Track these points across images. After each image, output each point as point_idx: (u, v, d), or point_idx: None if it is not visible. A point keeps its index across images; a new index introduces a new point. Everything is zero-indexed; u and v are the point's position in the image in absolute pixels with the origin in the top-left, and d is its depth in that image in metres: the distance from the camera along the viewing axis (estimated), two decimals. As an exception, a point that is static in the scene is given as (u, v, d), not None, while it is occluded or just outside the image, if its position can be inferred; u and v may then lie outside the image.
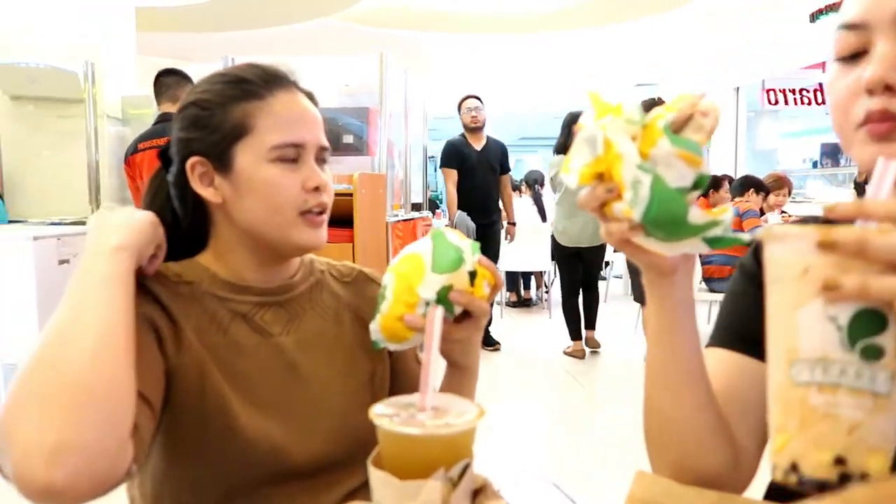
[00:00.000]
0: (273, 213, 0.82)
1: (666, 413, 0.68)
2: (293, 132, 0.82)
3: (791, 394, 0.45)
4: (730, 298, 0.79)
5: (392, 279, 0.74)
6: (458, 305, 0.73)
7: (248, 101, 0.83)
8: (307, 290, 0.91)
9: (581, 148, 0.58)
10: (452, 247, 0.73)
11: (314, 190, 0.83)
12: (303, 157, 0.83)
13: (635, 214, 0.55)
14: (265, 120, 0.82)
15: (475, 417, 0.56)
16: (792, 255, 0.45)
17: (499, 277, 0.78)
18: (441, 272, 0.71)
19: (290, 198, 0.82)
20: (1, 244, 3.07)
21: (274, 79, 0.85)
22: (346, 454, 0.84)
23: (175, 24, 6.52)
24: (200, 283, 0.84)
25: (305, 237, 0.84)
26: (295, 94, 0.86)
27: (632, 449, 2.89)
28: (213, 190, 0.84)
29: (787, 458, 0.45)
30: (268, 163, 0.81)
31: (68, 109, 4.24)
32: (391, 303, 0.73)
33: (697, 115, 0.55)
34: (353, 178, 3.13)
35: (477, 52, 8.40)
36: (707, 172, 0.55)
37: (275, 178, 0.81)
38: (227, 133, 0.82)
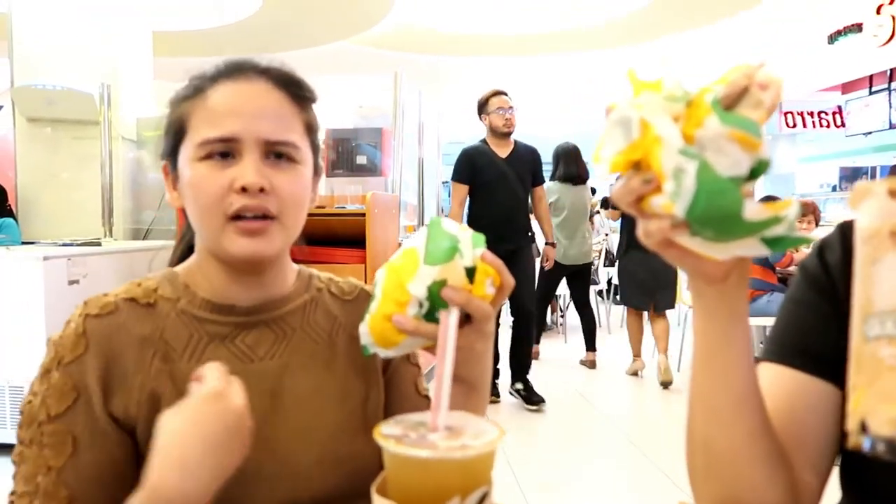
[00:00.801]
0: (203, 218, 0.73)
1: (714, 444, 0.59)
2: (221, 125, 0.72)
3: (863, 349, 0.42)
4: (789, 306, 0.69)
5: (383, 274, 0.65)
6: (453, 304, 0.61)
7: (191, 98, 0.76)
8: (299, 307, 0.83)
9: (613, 132, 0.49)
10: (447, 235, 0.63)
11: (241, 191, 0.71)
12: (239, 152, 0.72)
13: (678, 209, 0.47)
14: (199, 115, 0.74)
15: (495, 439, 0.49)
16: (872, 211, 0.42)
17: (507, 276, 0.67)
18: (433, 263, 0.61)
19: (214, 199, 0.71)
20: (11, 264, 3.04)
21: (226, 70, 0.77)
22: (335, 489, 0.76)
23: (192, 49, 6.59)
24: (178, 300, 0.77)
25: (236, 246, 0.72)
26: (247, 83, 0.75)
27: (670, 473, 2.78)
28: (176, 194, 0.79)
29: (858, 419, 0.42)
30: (196, 161, 0.73)
31: (84, 131, 4.25)
32: (380, 301, 0.64)
33: (754, 88, 0.47)
34: (367, 198, 3.09)
35: (490, 75, 8.41)
36: (767, 157, 0.47)
37: (198, 177, 0.73)
38: (171, 133, 0.77)
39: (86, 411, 0.69)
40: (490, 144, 3.89)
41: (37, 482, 0.67)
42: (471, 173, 3.82)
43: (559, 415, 3.66)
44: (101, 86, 4.10)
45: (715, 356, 0.57)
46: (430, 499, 0.46)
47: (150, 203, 4.44)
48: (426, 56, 7.44)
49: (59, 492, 0.67)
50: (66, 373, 0.70)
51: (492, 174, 3.81)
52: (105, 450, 0.69)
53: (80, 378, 0.70)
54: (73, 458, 0.68)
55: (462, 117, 10.92)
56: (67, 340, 0.71)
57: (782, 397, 0.63)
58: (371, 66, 7.26)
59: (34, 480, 0.67)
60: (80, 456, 0.68)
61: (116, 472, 0.70)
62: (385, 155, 4.09)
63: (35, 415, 0.69)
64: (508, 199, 3.81)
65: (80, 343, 0.71)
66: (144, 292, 0.76)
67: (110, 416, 0.71)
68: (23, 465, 0.68)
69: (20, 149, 4.32)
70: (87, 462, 0.68)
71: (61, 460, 0.67)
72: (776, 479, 0.59)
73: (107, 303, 0.74)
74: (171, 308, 0.76)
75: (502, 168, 3.82)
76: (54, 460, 0.67)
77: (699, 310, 0.57)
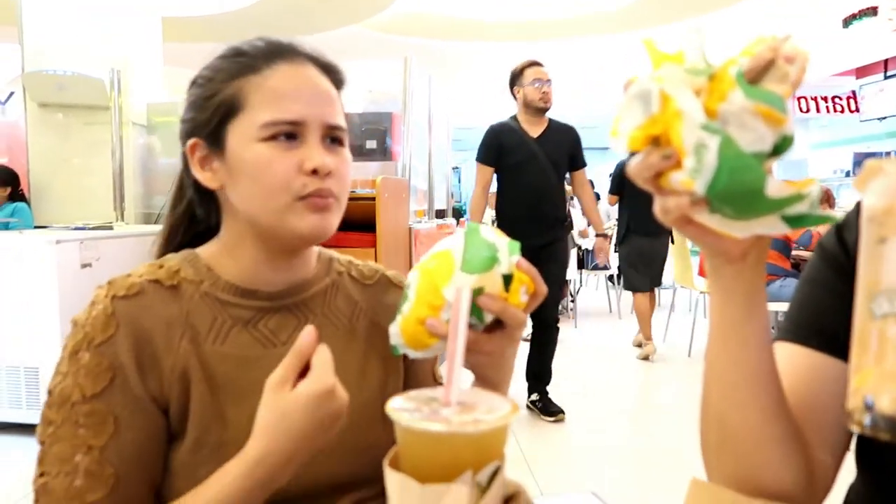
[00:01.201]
0: (266, 198, 0.73)
1: (729, 422, 0.59)
2: (288, 108, 0.73)
3: (870, 328, 0.41)
4: (806, 286, 0.68)
5: (417, 277, 0.65)
6: (488, 312, 0.63)
7: (242, 76, 0.75)
8: (320, 292, 0.83)
9: (632, 106, 0.48)
10: (486, 244, 0.63)
11: (313, 173, 0.72)
12: (303, 135, 0.73)
13: (698, 186, 0.46)
14: (258, 95, 0.74)
15: (508, 414, 0.48)
16: (881, 189, 0.42)
17: (540, 284, 0.67)
18: (471, 272, 0.62)
19: (284, 180, 0.72)
20: (25, 248, 3.07)
21: (276, 50, 0.77)
22: (355, 473, 0.76)
23: (202, 35, 6.58)
24: (201, 283, 0.77)
25: (307, 223, 0.73)
26: (301, 66, 0.76)
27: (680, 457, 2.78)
28: (210, 174, 0.77)
29: (862, 397, 0.41)
30: (259, 142, 0.73)
31: (95, 117, 4.27)
32: (413, 304, 0.64)
33: (780, 61, 0.46)
34: (376, 182, 3.08)
35: (501, 61, 8.35)
36: (791, 133, 0.46)
37: (265, 158, 0.72)
38: (218, 111, 0.75)
39: (123, 390, 0.69)
40: (521, 122, 3.39)
41: (75, 461, 0.66)
42: (497, 154, 3.36)
43: (567, 397, 3.66)
44: (112, 71, 4.11)
45: (732, 335, 0.57)
46: (443, 473, 0.46)
47: (161, 188, 4.46)
48: (436, 41, 7.40)
49: (104, 470, 0.66)
50: (98, 353, 0.69)
51: (521, 155, 3.32)
52: (145, 429, 0.69)
53: (115, 358, 0.69)
54: (115, 437, 0.67)
55: (472, 103, 10.88)
56: (97, 321, 0.70)
57: (798, 377, 0.62)
58: (381, 51, 7.22)
59: (72, 460, 0.66)
60: (122, 435, 0.68)
61: (155, 451, 0.70)
62: (395, 140, 4.08)
63: (67, 395, 0.68)
64: (539, 183, 3.33)
65: (111, 324, 0.70)
66: (167, 274, 0.76)
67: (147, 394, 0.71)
68: (55, 445, 0.67)
69: (32, 134, 4.35)
70: (129, 441, 0.68)
71: (103, 439, 0.67)
72: (790, 457, 0.58)
73: (132, 283, 0.74)
74: (194, 290, 0.76)
75: (533, 149, 3.32)
76: (95, 439, 0.67)
77: (717, 288, 0.57)
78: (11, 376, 3.07)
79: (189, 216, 0.85)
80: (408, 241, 3.51)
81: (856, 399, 0.42)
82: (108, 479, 0.66)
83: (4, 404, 3.09)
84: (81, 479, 0.65)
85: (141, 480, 0.69)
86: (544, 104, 3.33)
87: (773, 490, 0.57)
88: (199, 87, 0.78)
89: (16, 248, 3.08)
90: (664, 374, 4.40)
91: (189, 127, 0.78)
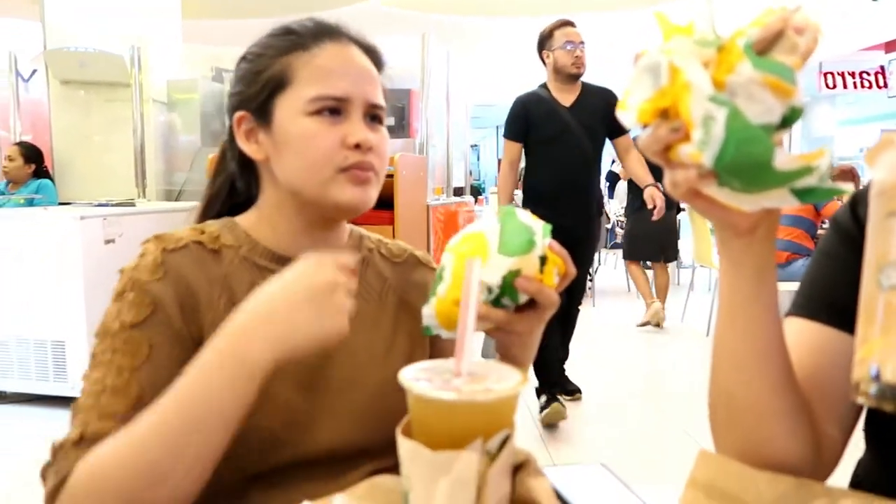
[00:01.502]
0: (310, 170, 0.76)
1: (737, 395, 0.59)
2: (334, 84, 0.76)
3: (877, 299, 0.42)
4: (818, 260, 0.68)
5: (452, 259, 0.65)
6: (524, 293, 0.64)
7: (291, 53, 0.78)
8: None
9: (641, 79, 0.48)
10: (524, 227, 0.64)
11: (355, 147, 0.76)
12: (347, 111, 0.77)
13: (706, 158, 0.45)
14: (306, 71, 0.77)
15: (517, 384, 0.50)
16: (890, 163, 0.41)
17: (571, 266, 0.68)
18: (509, 254, 0.62)
19: (327, 153, 0.75)
20: (50, 224, 3.13)
21: (324, 30, 0.80)
22: (375, 441, 0.78)
23: (220, 12, 6.58)
24: (239, 248, 0.80)
25: (349, 194, 0.77)
26: (346, 46, 0.80)
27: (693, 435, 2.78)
28: (255, 146, 0.80)
29: (867, 367, 0.41)
30: (305, 116, 0.76)
31: (116, 93, 4.31)
32: (450, 285, 0.64)
33: (790, 32, 0.45)
34: (394, 159, 3.09)
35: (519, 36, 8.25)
36: (801, 105, 0.45)
37: (311, 131, 0.76)
38: (267, 85, 0.78)
39: (163, 323, 0.71)
40: (552, 90, 3.02)
41: (105, 382, 0.68)
42: (525, 127, 2.99)
43: (583, 375, 3.67)
44: (132, 48, 4.13)
45: (741, 308, 0.57)
46: (454, 440, 0.47)
47: (182, 165, 4.50)
48: (454, 17, 7.33)
49: (130, 389, 0.68)
50: (142, 290, 0.72)
51: (552, 128, 2.95)
52: (179, 362, 0.69)
53: (158, 296, 0.72)
54: (148, 362, 0.69)
55: (491, 79, 10.78)
56: (146, 267, 0.73)
57: (808, 351, 0.63)
58: (399, 27, 7.17)
59: (102, 382, 0.68)
60: (155, 362, 0.70)
61: None
62: (413, 117, 4.07)
63: (109, 327, 0.71)
64: (573, 157, 2.96)
65: (159, 270, 0.73)
66: (209, 238, 0.79)
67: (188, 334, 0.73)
68: (93, 373, 0.69)
69: (55, 111, 4.40)
70: (163, 370, 0.69)
71: (136, 362, 0.69)
72: (798, 432, 0.59)
73: (180, 238, 0.77)
74: (233, 255, 0.79)
75: (565, 119, 2.95)
76: (128, 363, 0.69)
77: (726, 262, 0.57)
78: (39, 350, 3.14)
79: (228, 187, 0.88)
80: (426, 218, 3.52)
81: (861, 369, 0.42)
82: (132, 397, 0.67)
83: (32, 377, 3.17)
84: (106, 397, 0.68)
85: None
86: (577, 69, 2.95)
87: (780, 463, 0.57)
88: (249, 63, 0.81)
89: (41, 224, 3.14)
90: (682, 352, 4.39)
91: (237, 100, 0.81)
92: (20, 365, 3.17)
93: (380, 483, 0.57)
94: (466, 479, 0.46)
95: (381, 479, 0.58)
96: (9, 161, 4.26)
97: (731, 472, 0.55)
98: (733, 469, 0.55)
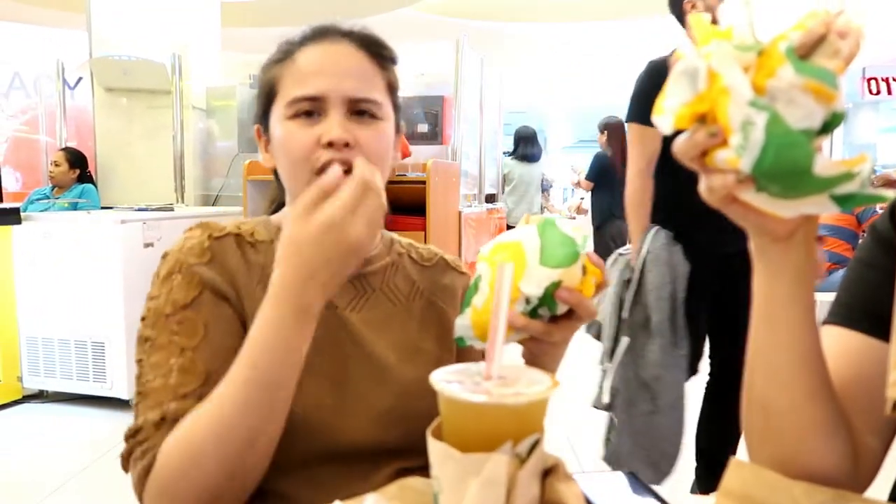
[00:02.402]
0: (292, 172, 0.78)
1: (773, 404, 0.58)
2: (309, 84, 0.77)
3: None
4: (856, 268, 0.67)
5: (488, 269, 0.64)
6: (564, 304, 0.63)
7: (280, 63, 0.81)
8: (381, 269, 0.87)
9: (679, 83, 0.48)
10: (566, 238, 0.62)
11: (328, 145, 0.75)
12: (324, 110, 0.77)
13: (744, 164, 0.45)
14: (289, 78, 0.79)
15: (548, 388, 0.50)
16: None
17: (606, 276, 0.68)
18: (553, 266, 0.61)
19: (303, 154, 0.76)
20: (92, 228, 3.21)
21: (315, 33, 0.81)
22: (399, 440, 0.79)
23: (259, 20, 6.70)
24: (272, 242, 0.81)
25: None
26: (332, 44, 0.80)
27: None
28: (268, 156, 0.84)
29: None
30: (286, 120, 0.78)
31: (157, 101, 4.41)
32: (488, 297, 0.62)
33: (832, 36, 0.45)
34: (427, 165, 3.10)
35: (554, 43, 8.24)
36: (842, 110, 0.45)
37: (287, 134, 0.77)
38: (263, 98, 0.82)
39: (212, 301, 0.74)
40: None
41: (170, 364, 0.71)
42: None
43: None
44: (173, 56, 4.23)
45: (778, 316, 0.56)
46: (484, 443, 0.47)
47: (219, 171, 4.58)
48: (488, 23, 7.34)
49: (197, 367, 0.70)
50: (190, 272, 0.74)
51: None
52: (232, 333, 0.73)
53: (206, 277, 0.74)
54: (206, 339, 0.72)
55: (525, 86, 10.77)
56: (192, 250, 0.76)
57: (847, 360, 0.61)
58: (433, 34, 7.21)
59: (167, 363, 0.71)
60: (211, 337, 0.72)
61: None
62: (446, 123, 4.09)
63: (161, 310, 0.73)
64: None
65: (206, 254, 0.76)
66: (247, 232, 0.82)
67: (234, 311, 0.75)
68: (153, 356, 0.72)
69: (98, 118, 4.52)
70: (219, 345, 0.72)
71: (195, 341, 0.71)
72: (835, 441, 0.58)
73: (223, 227, 0.80)
74: (268, 248, 0.81)
75: None
76: (188, 342, 0.71)
77: (762, 269, 0.56)
78: (79, 350, 3.23)
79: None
80: (458, 225, 3.52)
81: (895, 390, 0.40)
82: (200, 374, 0.70)
83: (73, 377, 3.25)
84: (175, 377, 0.70)
85: None
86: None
87: (817, 474, 0.56)
88: (258, 78, 0.85)
89: (84, 227, 3.23)
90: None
91: (255, 115, 0.86)
92: (61, 365, 3.26)
93: (410, 484, 0.58)
94: (496, 481, 0.46)
95: (411, 480, 0.58)
96: (55, 166, 4.39)
97: (765, 481, 0.54)
98: (768, 478, 0.54)
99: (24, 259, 3.29)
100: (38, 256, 3.26)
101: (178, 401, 0.69)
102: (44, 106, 5.64)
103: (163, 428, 0.68)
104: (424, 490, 0.56)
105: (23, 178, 6.55)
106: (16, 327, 3.32)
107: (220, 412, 0.64)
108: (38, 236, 3.25)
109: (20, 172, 6.60)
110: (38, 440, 2.95)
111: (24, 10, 6.77)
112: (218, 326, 0.73)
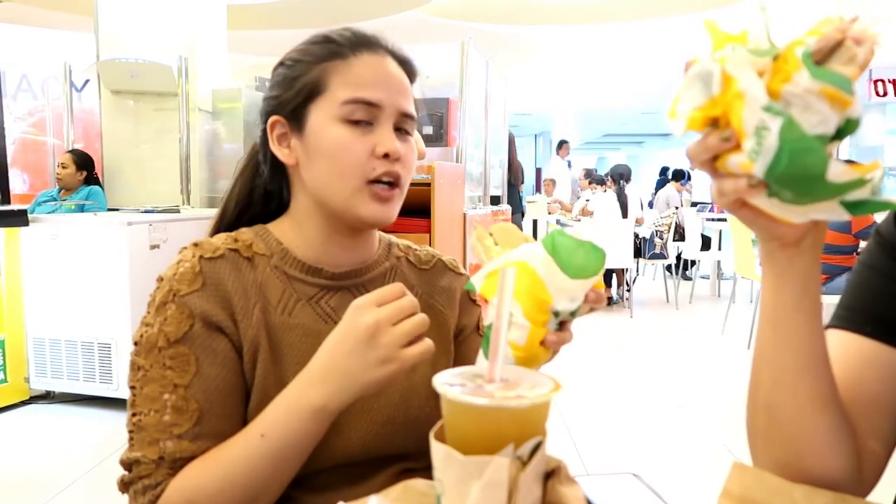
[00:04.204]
0: (338, 178, 0.77)
1: (777, 408, 0.58)
2: (367, 90, 0.77)
3: None
4: (861, 272, 0.66)
5: (518, 306, 0.61)
6: (587, 305, 0.63)
7: (329, 61, 0.79)
8: (379, 275, 0.87)
9: (692, 86, 0.47)
10: (586, 244, 0.61)
11: (384, 157, 0.77)
12: (378, 120, 0.78)
13: (757, 169, 0.45)
14: (342, 78, 0.78)
15: (550, 391, 0.50)
16: None
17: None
18: (587, 276, 0.60)
19: (357, 162, 0.76)
20: (99, 229, 3.23)
21: (362, 41, 0.81)
22: (405, 447, 0.80)
23: (264, 23, 6.72)
24: (271, 257, 0.81)
25: (371, 211, 0.78)
26: (382, 57, 0.81)
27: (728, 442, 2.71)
28: (287, 150, 0.82)
29: None
30: (337, 122, 0.77)
31: (163, 103, 4.43)
32: (530, 329, 0.60)
33: (848, 42, 0.44)
34: (432, 167, 3.11)
35: (561, 46, 8.23)
36: (857, 116, 0.45)
37: (342, 138, 0.77)
38: (303, 91, 0.80)
39: (204, 333, 0.75)
40: None
41: (164, 399, 0.72)
42: None
43: (621, 384, 3.63)
44: (179, 58, 4.25)
45: (784, 320, 0.56)
46: (486, 446, 0.48)
47: (225, 172, 4.60)
48: (493, 25, 7.35)
49: (189, 405, 0.72)
50: (182, 303, 0.75)
51: None
52: (225, 366, 0.75)
53: (197, 307, 0.75)
54: (198, 375, 0.73)
55: (530, 88, 10.78)
56: (184, 276, 0.76)
57: (851, 364, 0.61)
58: (438, 36, 7.23)
59: (161, 398, 0.72)
60: (204, 373, 0.73)
61: (236, 386, 0.76)
62: (451, 125, 4.09)
63: (154, 342, 0.74)
64: None
65: (198, 280, 0.76)
66: (243, 246, 0.81)
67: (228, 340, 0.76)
68: (146, 387, 0.73)
69: (105, 120, 4.54)
70: (211, 377, 0.74)
71: (187, 378, 0.73)
72: (839, 445, 0.58)
73: (217, 247, 0.79)
74: (265, 264, 0.81)
75: None
76: (180, 379, 0.73)
77: (769, 273, 0.56)
78: (86, 351, 3.24)
79: (262, 193, 0.89)
80: (462, 226, 3.53)
81: None
82: (193, 413, 0.72)
83: (80, 378, 3.27)
84: (169, 415, 0.72)
85: (223, 414, 0.74)
86: None
87: (820, 477, 0.56)
88: (287, 68, 0.82)
89: (91, 229, 3.24)
90: (722, 364, 4.30)
91: (272, 105, 0.83)
92: (68, 366, 3.28)
93: (413, 486, 0.58)
94: (498, 483, 0.47)
95: (414, 482, 0.59)
96: (62, 168, 4.42)
97: (766, 484, 0.54)
98: (769, 482, 0.54)
99: (31, 261, 3.31)
100: (46, 258, 3.28)
101: (173, 440, 0.71)
102: (51, 108, 5.68)
103: (162, 466, 0.71)
104: (427, 492, 0.56)
105: (30, 179, 6.60)
106: (23, 328, 3.34)
107: (224, 473, 0.69)
108: (46, 238, 3.27)
109: (27, 174, 6.65)
110: (45, 441, 2.97)
111: (33, 13, 6.81)
112: (210, 360, 0.74)
